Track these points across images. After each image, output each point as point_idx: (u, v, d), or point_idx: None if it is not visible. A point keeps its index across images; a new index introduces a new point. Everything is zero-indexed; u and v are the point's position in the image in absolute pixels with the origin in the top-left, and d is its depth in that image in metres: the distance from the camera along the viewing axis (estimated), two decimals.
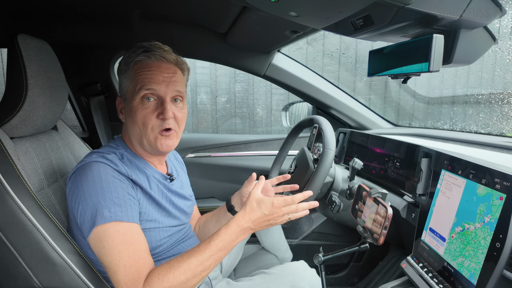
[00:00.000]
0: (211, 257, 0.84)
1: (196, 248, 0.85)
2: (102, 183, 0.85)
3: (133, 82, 0.94)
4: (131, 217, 0.85)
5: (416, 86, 3.75)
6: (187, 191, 1.17)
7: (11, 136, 0.92)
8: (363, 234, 1.08)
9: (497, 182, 0.78)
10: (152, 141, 0.95)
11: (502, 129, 2.34)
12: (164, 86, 0.93)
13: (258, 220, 0.89)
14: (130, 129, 0.97)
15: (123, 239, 0.81)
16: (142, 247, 0.85)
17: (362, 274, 1.93)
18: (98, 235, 0.82)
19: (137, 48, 0.96)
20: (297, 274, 1.17)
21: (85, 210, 0.83)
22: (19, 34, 0.91)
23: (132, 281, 0.78)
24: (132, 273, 0.79)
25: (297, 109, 2.12)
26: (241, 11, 1.22)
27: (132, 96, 0.94)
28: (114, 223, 0.82)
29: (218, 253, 0.85)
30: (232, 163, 2.01)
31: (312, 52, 3.65)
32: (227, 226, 0.88)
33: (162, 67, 0.95)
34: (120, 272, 0.79)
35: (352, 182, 1.29)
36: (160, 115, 0.93)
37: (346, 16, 0.86)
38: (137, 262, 0.81)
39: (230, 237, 0.87)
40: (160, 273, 0.80)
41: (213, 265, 0.85)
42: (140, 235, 0.86)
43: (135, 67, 0.95)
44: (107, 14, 1.37)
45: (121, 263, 0.79)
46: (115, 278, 0.79)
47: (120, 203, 0.85)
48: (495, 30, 0.88)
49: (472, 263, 0.79)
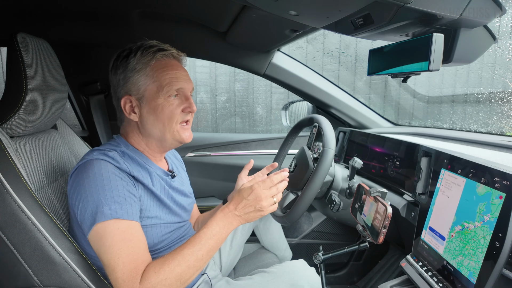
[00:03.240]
0: (203, 247, 0.86)
1: (188, 241, 0.87)
2: (103, 180, 0.85)
3: (156, 81, 0.96)
4: (131, 215, 0.86)
5: (416, 85, 3.75)
6: (187, 188, 1.17)
7: (11, 135, 0.92)
8: (362, 233, 1.08)
9: (496, 181, 0.78)
10: (177, 134, 1.00)
11: (502, 128, 2.34)
12: (186, 83, 1.00)
13: (242, 206, 0.91)
14: (151, 126, 0.98)
15: (123, 237, 0.82)
16: (141, 244, 0.85)
17: (362, 273, 1.93)
18: (98, 232, 0.82)
19: (148, 47, 0.97)
20: (297, 273, 1.17)
21: (86, 207, 0.84)
22: (19, 33, 0.91)
23: (130, 278, 0.79)
24: (130, 270, 0.80)
25: (297, 108, 2.12)
26: (241, 10, 1.22)
27: (156, 95, 0.96)
28: (114, 220, 0.82)
29: (209, 241, 0.87)
30: (232, 162, 2.01)
31: (312, 51, 3.65)
32: (215, 216, 0.91)
33: (178, 65, 1.02)
34: (118, 269, 0.79)
35: (352, 181, 1.29)
36: (186, 109, 0.99)
37: (346, 15, 0.86)
38: (136, 259, 0.81)
39: (218, 226, 0.89)
40: (155, 267, 0.81)
41: (205, 255, 0.86)
42: (139, 233, 0.87)
43: (155, 66, 0.96)
44: (107, 13, 1.36)
45: (120, 261, 0.80)
46: (113, 275, 0.80)
47: (121, 201, 0.85)
48: (495, 29, 0.88)
49: (472, 262, 0.79)
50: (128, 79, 0.97)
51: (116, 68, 0.99)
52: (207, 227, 0.89)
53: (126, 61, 0.97)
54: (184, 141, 1.02)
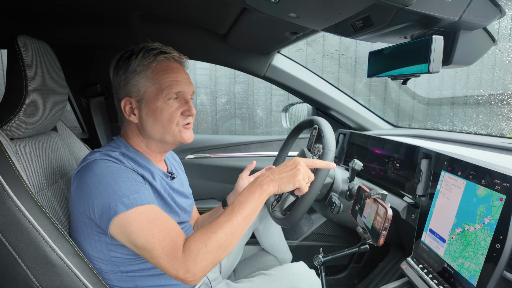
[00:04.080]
0: (238, 214, 0.86)
1: (223, 212, 0.88)
2: (113, 174, 0.86)
3: (156, 83, 0.96)
4: (149, 199, 0.87)
5: (416, 87, 3.76)
6: (187, 189, 1.18)
7: (11, 137, 0.92)
8: (363, 235, 1.08)
9: (497, 183, 0.78)
10: (178, 135, 1.00)
11: (502, 130, 2.34)
12: (186, 86, 1.00)
13: (279, 169, 0.94)
14: (150, 128, 0.98)
15: (148, 219, 0.82)
16: (168, 220, 0.86)
17: (362, 275, 1.92)
18: (121, 222, 0.82)
19: (149, 49, 0.97)
20: (297, 275, 1.17)
21: (102, 203, 0.83)
22: (19, 36, 0.91)
23: (171, 251, 0.80)
24: (168, 244, 0.80)
25: (297, 110, 2.12)
26: (241, 12, 1.22)
27: (155, 97, 0.96)
28: (135, 208, 0.83)
29: (241, 207, 0.87)
30: (232, 164, 2.01)
31: (312, 53, 3.66)
32: (248, 185, 0.92)
33: (179, 68, 1.01)
34: (156, 247, 0.80)
35: (352, 183, 1.29)
36: (186, 112, 1.00)
37: (346, 17, 0.86)
38: (169, 233, 0.82)
39: (247, 191, 0.90)
40: (195, 236, 0.82)
41: (242, 223, 0.86)
42: (162, 212, 0.87)
43: (156, 68, 0.96)
44: (107, 15, 1.37)
45: (155, 239, 0.80)
46: (153, 254, 0.80)
47: (137, 190, 0.86)
48: (494, 31, 0.88)
49: (472, 264, 0.79)
50: (129, 81, 0.97)
51: (118, 69, 0.99)
52: (241, 194, 0.90)
53: (128, 63, 0.97)
54: (185, 142, 1.03)
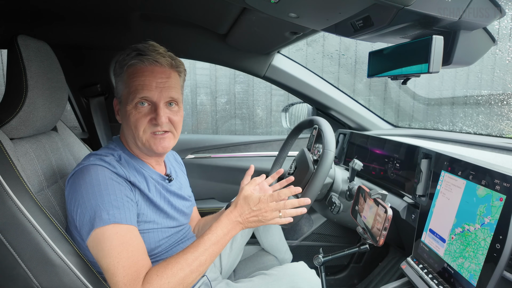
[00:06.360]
0: (206, 251, 0.86)
1: (191, 245, 0.88)
2: (101, 186, 0.85)
3: (127, 87, 0.95)
4: (129, 219, 0.86)
5: (416, 87, 3.75)
6: (186, 191, 1.17)
7: (10, 137, 0.92)
8: (363, 235, 1.08)
9: (497, 183, 0.78)
10: (146, 143, 0.95)
11: (502, 130, 2.34)
12: (158, 92, 0.93)
13: (245, 215, 0.92)
14: (125, 130, 0.99)
15: (121, 241, 0.81)
16: (140, 248, 0.85)
17: (362, 275, 1.92)
18: (97, 237, 0.82)
19: (131, 51, 0.95)
20: (297, 275, 1.17)
21: (84, 213, 0.83)
22: (19, 35, 0.91)
23: (131, 281, 0.78)
24: (131, 273, 0.79)
25: (297, 110, 2.12)
26: (241, 12, 1.22)
27: (126, 101, 0.95)
28: (112, 225, 0.82)
29: (212, 247, 0.87)
30: (232, 164, 2.01)
31: (312, 53, 3.65)
32: (218, 221, 0.92)
33: (156, 71, 0.94)
34: (118, 273, 0.79)
35: (352, 183, 1.29)
36: (153, 120, 0.94)
37: (346, 17, 0.86)
38: (136, 263, 0.81)
39: (222, 231, 0.90)
40: (158, 271, 0.81)
41: (208, 260, 0.87)
42: (138, 237, 0.86)
43: (128, 71, 0.94)
44: (108, 15, 1.37)
45: (120, 265, 0.79)
46: (114, 279, 0.79)
47: (119, 206, 0.85)
48: (494, 31, 0.88)
49: (472, 264, 0.79)
50: (115, 82, 1.00)
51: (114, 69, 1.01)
52: (211, 232, 0.89)
53: (116, 64, 0.99)
54: (156, 151, 0.97)
